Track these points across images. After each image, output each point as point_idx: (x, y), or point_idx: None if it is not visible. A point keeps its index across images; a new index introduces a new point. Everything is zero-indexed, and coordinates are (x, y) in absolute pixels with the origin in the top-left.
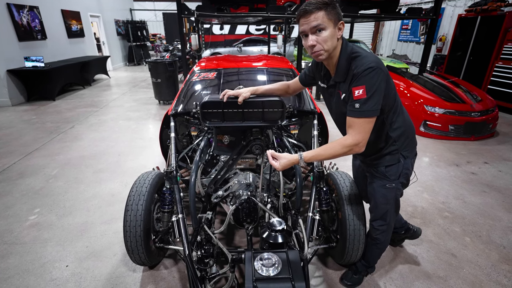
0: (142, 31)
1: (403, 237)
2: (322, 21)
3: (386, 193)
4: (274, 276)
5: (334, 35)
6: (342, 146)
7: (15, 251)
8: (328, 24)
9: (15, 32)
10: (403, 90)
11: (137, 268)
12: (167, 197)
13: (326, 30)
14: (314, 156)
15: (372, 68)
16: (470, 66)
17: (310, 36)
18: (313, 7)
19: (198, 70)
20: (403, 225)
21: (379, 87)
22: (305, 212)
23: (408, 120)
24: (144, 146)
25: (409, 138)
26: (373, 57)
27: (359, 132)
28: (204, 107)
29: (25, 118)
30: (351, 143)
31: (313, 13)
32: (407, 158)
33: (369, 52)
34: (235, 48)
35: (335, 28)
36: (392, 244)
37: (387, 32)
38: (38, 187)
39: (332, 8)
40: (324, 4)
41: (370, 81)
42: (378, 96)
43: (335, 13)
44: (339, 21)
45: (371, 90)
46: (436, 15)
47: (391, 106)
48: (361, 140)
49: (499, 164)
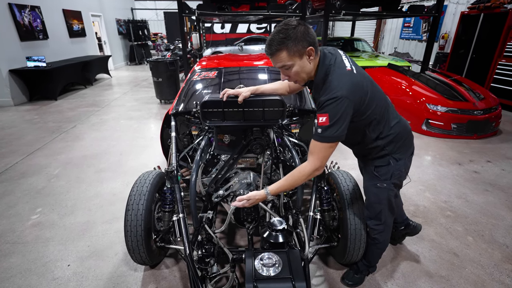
0: (143, 31)
1: (403, 233)
2: (286, 60)
3: (377, 192)
4: (275, 276)
5: (304, 65)
6: (302, 174)
7: (17, 250)
8: (293, 60)
9: (17, 32)
10: (405, 88)
11: (138, 267)
12: (168, 197)
13: (294, 65)
14: (279, 188)
15: (336, 98)
16: (473, 64)
17: (281, 71)
18: (273, 50)
19: (199, 69)
20: (404, 221)
21: (342, 116)
22: (306, 211)
23: (400, 124)
24: (145, 145)
25: (401, 141)
26: (344, 83)
27: (318, 158)
28: (204, 106)
29: (27, 118)
30: (310, 170)
31: (274, 56)
32: (400, 160)
33: (342, 74)
34: (236, 47)
35: (302, 59)
36: (392, 243)
37: (389, 30)
38: (40, 186)
39: (293, 42)
40: (282, 44)
41: (333, 110)
42: (340, 124)
43: (299, 45)
44: (306, 48)
45: (334, 119)
46: (438, 13)
47: (370, 120)
48: (319, 165)
49: (502, 162)
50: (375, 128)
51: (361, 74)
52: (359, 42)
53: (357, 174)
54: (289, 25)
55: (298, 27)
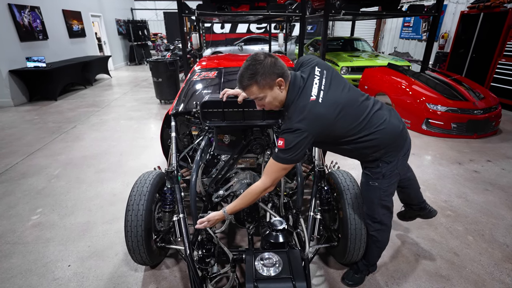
0: (143, 31)
1: (416, 214)
2: (257, 93)
3: (369, 190)
4: (275, 276)
5: (275, 95)
6: (255, 193)
7: (18, 250)
8: (264, 92)
9: (17, 33)
10: (405, 88)
11: (138, 267)
12: (168, 197)
13: (266, 97)
14: (235, 207)
15: (293, 129)
16: (473, 64)
17: (256, 101)
18: (244, 85)
19: (199, 69)
20: (420, 204)
21: (297, 145)
22: (306, 211)
23: (382, 131)
24: (145, 145)
25: (386, 147)
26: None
27: (270, 178)
28: (204, 106)
29: (27, 118)
30: (262, 188)
31: (246, 90)
32: (391, 162)
33: (304, 105)
34: (236, 47)
35: (273, 90)
36: (402, 219)
37: (388, 30)
38: (40, 187)
39: (261, 77)
40: (252, 80)
41: (289, 139)
42: (295, 151)
43: (267, 78)
44: (275, 80)
45: (289, 146)
46: (438, 12)
47: (342, 137)
48: (270, 183)
49: (502, 162)
50: (347, 142)
51: (328, 101)
52: (359, 41)
53: (357, 174)
54: (257, 60)
55: (265, 60)
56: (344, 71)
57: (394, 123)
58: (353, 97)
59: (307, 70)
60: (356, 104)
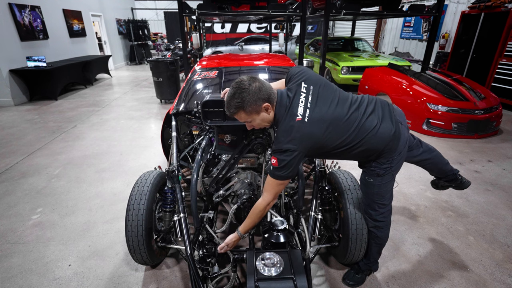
0: (144, 30)
1: (447, 184)
2: (245, 118)
3: (366, 185)
4: (276, 276)
5: (263, 118)
6: (259, 210)
7: (18, 250)
8: (252, 116)
9: (17, 32)
10: (405, 88)
11: (139, 267)
12: (169, 197)
13: (255, 120)
14: (246, 226)
15: (281, 150)
16: (474, 64)
17: (246, 124)
18: (232, 113)
19: (199, 69)
20: (449, 176)
21: (288, 163)
22: (307, 211)
23: (378, 136)
24: (145, 145)
25: (383, 149)
26: (290, 136)
27: (270, 193)
28: (205, 106)
29: (27, 118)
30: (264, 205)
31: (235, 116)
32: (385, 163)
33: (290, 126)
34: (237, 47)
35: (260, 114)
36: (435, 187)
37: (389, 30)
38: (40, 186)
39: (247, 104)
40: (239, 108)
41: (280, 158)
42: (287, 169)
43: (253, 105)
44: (261, 105)
45: (281, 164)
46: (439, 12)
47: (338, 148)
48: (272, 199)
49: (503, 162)
50: (339, 153)
51: (315, 119)
52: (359, 41)
53: (358, 173)
54: (242, 88)
55: (250, 87)
56: (345, 71)
57: (385, 128)
58: (341, 112)
59: (294, 88)
60: (344, 119)
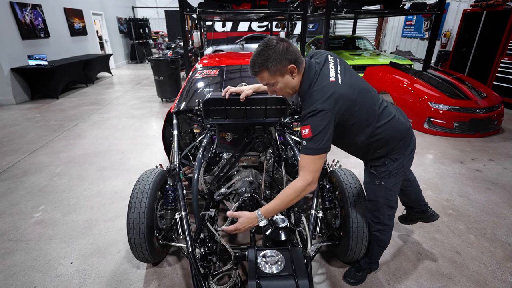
0: (144, 29)
1: (418, 217)
2: (268, 79)
3: (375, 190)
4: (277, 273)
5: (287, 82)
6: (295, 191)
7: (21, 248)
8: (276, 78)
9: (18, 31)
10: (407, 86)
11: (141, 265)
12: (170, 195)
13: (278, 83)
14: (272, 210)
15: (316, 110)
16: (475, 62)
17: (267, 87)
18: (255, 71)
19: (200, 68)
20: (421, 206)
21: (324, 129)
22: (308, 209)
23: (392, 125)
24: (147, 143)
25: (395, 142)
26: (325, 95)
27: (308, 172)
28: (206, 104)
29: (29, 116)
30: (303, 185)
31: (257, 76)
32: (397, 160)
33: (324, 86)
34: (238, 46)
35: (284, 77)
36: (402, 222)
37: (390, 28)
38: (42, 184)
39: (273, 63)
40: (263, 66)
41: (314, 123)
42: (323, 136)
43: (278, 65)
44: (287, 67)
45: (316, 131)
46: (440, 11)
47: (356, 125)
48: (311, 179)
49: (504, 161)
50: (361, 133)
51: (347, 84)
52: (360, 40)
53: (359, 172)
54: (269, 46)
55: (278, 46)
56: None
57: (402, 120)
58: (366, 86)
59: (321, 57)
60: (369, 94)
